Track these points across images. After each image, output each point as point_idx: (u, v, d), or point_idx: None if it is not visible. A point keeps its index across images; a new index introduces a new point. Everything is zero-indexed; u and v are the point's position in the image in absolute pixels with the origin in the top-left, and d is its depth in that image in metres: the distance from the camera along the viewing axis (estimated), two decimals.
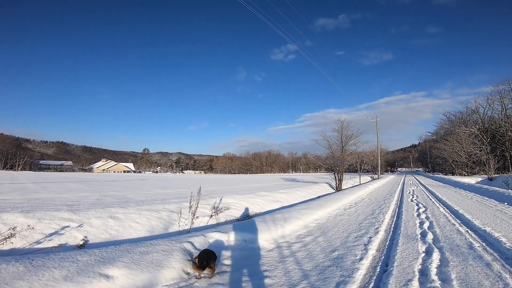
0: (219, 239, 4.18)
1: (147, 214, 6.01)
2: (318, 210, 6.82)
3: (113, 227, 5.14)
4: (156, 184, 19.32)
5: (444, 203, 8.34)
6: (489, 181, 22.67)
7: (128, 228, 5.29)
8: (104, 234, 4.88)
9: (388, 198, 10.11)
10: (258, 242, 4.24)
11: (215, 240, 4.12)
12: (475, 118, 38.63)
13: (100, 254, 2.97)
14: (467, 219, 5.65)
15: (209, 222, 6.54)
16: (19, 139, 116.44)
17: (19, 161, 54.98)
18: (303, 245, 4.11)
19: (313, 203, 8.03)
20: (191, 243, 3.71)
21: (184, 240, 3.76)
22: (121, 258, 2.89)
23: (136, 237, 5.03)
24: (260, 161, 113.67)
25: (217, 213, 7.06)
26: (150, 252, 3.16)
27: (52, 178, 23.07)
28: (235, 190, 13.70)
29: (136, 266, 2.81)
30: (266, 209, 9.23)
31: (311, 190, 15.63)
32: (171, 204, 7.15)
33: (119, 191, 12.01)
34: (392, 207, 7.80)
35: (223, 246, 4.00)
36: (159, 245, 3.41)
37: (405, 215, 6.25)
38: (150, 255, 3.07)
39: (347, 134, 19.12)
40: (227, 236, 4.28)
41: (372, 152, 47.17)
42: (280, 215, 5.89)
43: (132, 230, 5.27)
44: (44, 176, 29.12)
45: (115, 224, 5.24)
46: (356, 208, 7.85)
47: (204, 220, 6.54)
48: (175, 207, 6.83)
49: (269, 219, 5.56)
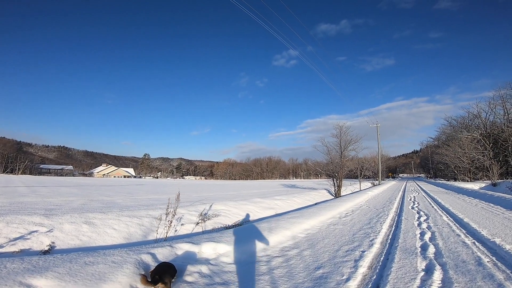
0: (190, 250, 3.67)
1: (127, 220, 5.69)
2: (310, 219, 6.29)
3: (86, 233, 4.84)
4: (152, 189, 18.78)
5: (447, 211, 7.78)
6: (493, 187, 22.02)
7: (103, 234, 4.97)
8: (75, 240, 4.59)
9: (387, 206, 9.55)
10: (235, 255, 3.73)
11: (185, 252, 3.62)
12: (477, 123, 38.08)
13: (35, 262, 2.63)
14: (473, 229, 5.11)
15: (195, 230, 6.16)
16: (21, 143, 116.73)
17: (19, 165, 54.91)
18: (285, 260, 3.58)
19: (306, 211, 7.49)
20: (153, 254, 3.23)
21: (145, 250, 3.29)
22: (57, 268, 2.53)
23: (110, 244, 4.73)
24: (261, 167, 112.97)
25: (204, 220, 6.64)
26: (96, 263, 2.75)
27: (48, 182, 22.57)
28: (230, 197, 13.21)
29: (71, 278, 2.41)
30: (259, 216, 8.73)
31: (309, 197, 15.09)
32: (156, 210, 6.76)
33: (110, 196, 11.58)
34: (391, 215, 7.25)
35: (192, 259, 3.48)
36: (112, 256, 2.99)
37: (405, 225, 5.70)
38: (94, 267, 2.65)
39: (346, 139, 18.57)
40: (199, 248, 3.77)
41: (373, 158, 46.56)
42: (265, 225, 5.37)
43: (107, 236, 4.94)
44: (41, 180, 28.67)
45: (88, 230, 4.95)
46: (352, 216, 7.30)
47: (189, 227, 6.19)
48: (159, 213, 6.41)
49: (254, 228, 5.05)
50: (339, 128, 18.60)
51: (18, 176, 43.37)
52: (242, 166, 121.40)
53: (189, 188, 22.09)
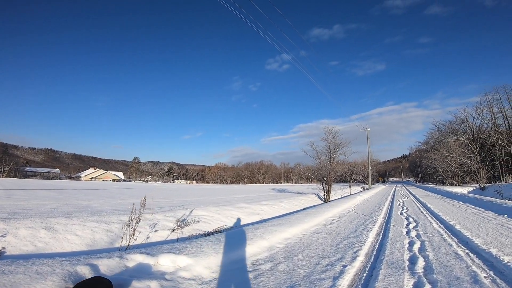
0: (144, 263, 3.15)
1: (94, 226, 5.36)
2: (292, 227, 5.80)
3: (43, 239, 4.54)
4: (136, 193, 17.93)
5: (437, 217, 7.43)
6: (481, 191, 22.07)
7: (62, 241, 4.65)
8: (29, 246, 4.30)
9: (376, 211, 9.15)
10: (196, 269, 3.21)
11: (137, 264, 3.10)
12: (464, 127, 38.64)
13: None
14: (466, 237, 4.71)
15: (170, 237, 5.80)
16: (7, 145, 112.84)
17: (3, 168, 52.97)
18: (254, 276, 3.07)
19: (290, 218, 7.00)
20: (94, 266, 2.73)
21: (85, 261, 2.79)
22: None
23: (68, 251, 4.45)
24: (253, 171, 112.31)
25: (181, 226, 6.22)
26: (16, 272, 2.32)
27: (29, 186, 21.52)
28: (217, 201, 12.66)
29: None
30: (243, 222, 8.27)
31: (297, 202, 14.66)
32: (128, 216, 6.24)
33: (88, 200, 10.95)
34: (379, 222, 6.82)
35: (144, 273, 2.95)
36: (41, 265, 2.53)
37: (393, 233, 5.27)
38: (11, 277, 2.24)
39: (336, 143, 18.25)
40: (156, 260, 3.24)
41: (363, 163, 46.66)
42: (241, 233, 4.86)
43: (66, 243, 4.63)
44: (22, 183, 27.43)
45: (47, 235, 4.64)
46: (338, 223, 6.85)
47: (163, 234, 5.83)
48: (127, 219, 5.97)
49: (227, 237, 4.54)
50: (328, 132, 18.30)
51: (1, 179, 41.59)
52: (233, 170, 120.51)
53: (176, 192, 21.33)
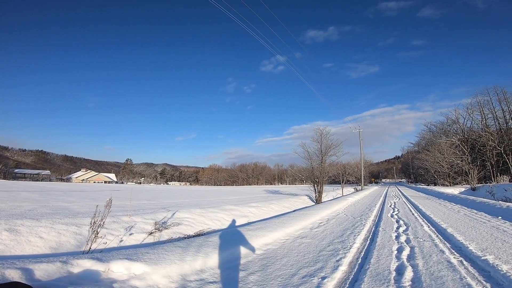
0: (91, 269, 2.77)
1: (62, 228, 5.08)
2: (275, 231, 5.39)
3: (3, 240, 4.30)
4: (124, 195, 17.23)
5: (429, 219, 7.09)
6: (473, 191, 22.02)
7: (24, 243, 4.41)
8: None
9: (366, 213, 8.80)
10: (153, 278, 2.82)
11: (83, 270, 2.73)
12: (455, 128, 38.90)
13: None
14: (459, 242, 4.35)
15: (146, 241, 5.48)
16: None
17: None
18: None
19: (275, 221, 6.59)
20: (27, 271, 2.45)
21: (19, 265, 2.49)
22: None
23: (29, 254, 4.18)
24: (247, 173, 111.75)
25: (159, 229, 5.88)
26: None
27: (14, 187, 20.73)
28: (204, 203, 12.25)
29: None
30: (228, 225, 7.90)
31: (288, 204, 14.28)
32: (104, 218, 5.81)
33: (70, 202, 10.52)
34: (368, 225, 6.44)
35: (89, 280, 2.61)
36: None
37: (381, 238, 4.88)
38: None
39: (327, 144, 17.91)
40: (107, 266, 2.84)
41: (356, 164, 46.55)
42: (215, 238, 4.41)
43: (28, 246, 4.39)
44: (9, 184, 26.56)
45: (8, 237, 4.40)
46: (325, 226, 6.46)
47: (139, 237, 5.52)
48: (107, 221, 5.47)
49: (199, 242, 4.11)
50: (320, 133, 17.95)
51: None
52: (227, 172, 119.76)
53: (165, 194, 20.74)
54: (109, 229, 5.35)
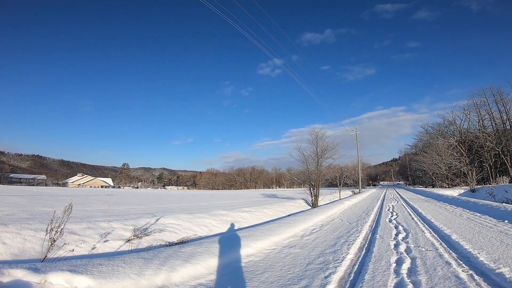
0: (23, 280, 2.42)
1: (29, 234, 4.78)
2: (260, 240, 4.84)
3: None
4: (117, 200, 16.52)
5: (430, 224, 6.56)
6: (472, 193, 21.60)
7: None
8: None
9: (363, 218, 8.26)
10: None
11: (13, 280, 2.41)
12: (452, 130, 38.63)
13: None
14: (467, 251, 3.83)
15: (122, 248, 5.11)
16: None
17: None
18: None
19: (262, 228, 6.04)
20: None
21: None
22: None
23: None
24: (244, 176, 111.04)
25: (139, 236, 5.44)
26: None
27: (5, 192, 20.02)
28: (196, 208, 11.73)
29: None
30: (216, 231, 7.40)
31: (283, 208, 13.74)
32: (80, 224, 5.62)
33: (55, 207, 9.90)
34: (364, 232, 5.89)
35: None
36: None
37: (378, 247, 4.34)
38: None
39: (323, 146, 17.38)
40: (43, 278, 2.44)
41: (354, 166, 46.20)
42: (190, 248, 3.88)
43: None
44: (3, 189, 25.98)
45: None
46: (318, 233, 5.92)
47: (114, 245, 5.14)
48: (82, 227, 5.45)
49: (173, 251, 3.59)
50: (315, 135, 17.43)
51: None
52: (225, 176, 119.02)
53: (158, 199, 20.03)
54: (82, 236, 5.02)
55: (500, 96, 32.83)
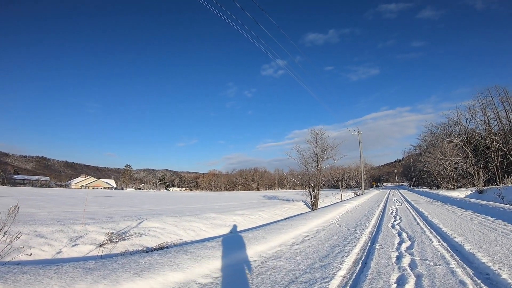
0: None
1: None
2: (241, 249, 4.20)
3: None
4: (114, 202, 15.91)
5: (438, 230, 5.85)
6: (479, 194, 20.74)
7: None
8: None
9: (363, 223, 7.57)
10: None
11: None
12: (457, 130, 37.70)
13: None
14: (485, 266, 3.12)
15: (92, 253, 4.72)
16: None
17: None
18: None
19: (249, 234, 5.38)
20: None
21: None
22: None
23: None
24: (247, 178, 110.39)
25: (112, 240, 5.08)
26: None
27: (2, 193, 19.68)
28: (189, 210, 11.09)
29: None
30: (204, 236, 6.93)
31: (280, 211, 13.09)
32: (50, 227, 5.26)
33: (41, 208, 9.40)
34: (363, 240, 5.21)
35: None
36: None
37: (377, 261, 3.66)
38: None
39: (323, 146, 16.67)
40: None
41: (356, 168, 45.42)
42: (152, 258, 3.23)
43: None
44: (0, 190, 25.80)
45: None
46: (311, 241, 5.25)
47: (84, 249, 4.77)
48: (50, 230, 5.07)
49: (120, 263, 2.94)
50: (315, 134, 16.74)
51: None
52: (227, 177, 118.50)
53: (155, 200, 19.39)
54: (49, 239, 4.69)
55: (506, 95, 31.93)
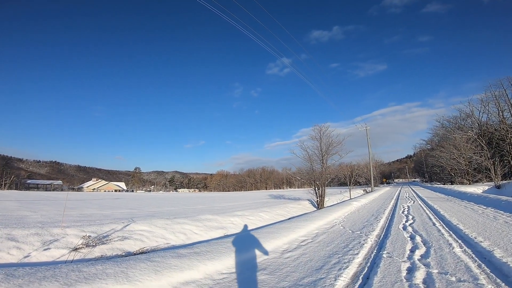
0: None
1: None
2: (219, 257, 3.50)
3: None
4: (119, 204, 15.34)
5: (458, 232, 4.98)
6: (497, 189, 19.50)
7: None
8: None
9: (370, 224, 6.74)
10: None
11: None
12: (470, 123, 36.02)
13: None
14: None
15: (65, 258, 4.40)
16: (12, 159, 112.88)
17: (5, 181, 52.83)
18: None
19: (236, 239, 4.68)
20: None
21: None
22: None
23: None
24: (254, 178, 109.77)
25: (90, 245, 4.78)
26: None
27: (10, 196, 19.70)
28: (189, 211, 10.57)
29: None
30: (195, 239, 6.46)
31: (283, 210, 12.38)
32: (26, 230, 5.05)
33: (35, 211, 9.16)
34: (368, 245, 4.40)
35: None
36: None
37: (383, 275, 2.84)
38: None
39: (328, 142, 15.77)
40: None
41: (366, 165, 44.09)
42: (99, 268, 2.58)
43: None
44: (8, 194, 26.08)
45: None
46: (306, 248, 4.49)
47: (55, 253, 4.45)
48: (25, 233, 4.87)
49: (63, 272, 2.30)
50: (319, 129, 15.86)
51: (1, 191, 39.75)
52: (235, 177, 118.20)
53: (159, 202, 18.89)
54: (20, 242, 4.49)
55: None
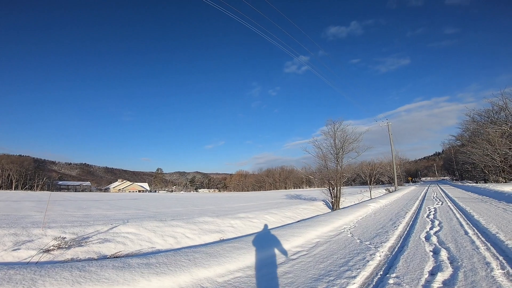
0: None
1: None
2: (185, 270, 2.73)
3: None
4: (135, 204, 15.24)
5: (499, 245, 3.78)
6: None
7: None
8: None
9: (385, 232, 5.66)
10: None
11: None
12: (503, 116, 32.78)
13: None
14: None
15: (34, 259, 4.21)
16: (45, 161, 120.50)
17: (37, 182, 56.92)
18: None
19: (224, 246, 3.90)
20: None
21: None
22: None
23: None
24: (273, 177, 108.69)
25: (62, 247, 4.55)
26: None
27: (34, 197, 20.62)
28: (193, 212, 10.01)
29: None
30: (185, 244, 6.03)
31: (293, 212, 11.47)
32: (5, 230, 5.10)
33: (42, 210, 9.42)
34: (375, 263, 3.37)
35: None
36: None
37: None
38: None
39: (342, 137, 14.50)
40: None
41: (389, 163, 41.73)
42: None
43: None
44: (37, 195, 27.41)
45: None
46: (292, 265, 3.59)
47: (23, 254, 4.29)
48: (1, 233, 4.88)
49: None
50: (332, 125, 14.62)
51: (26, 192, 42.19)
52: (254, 177, 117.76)
53: (168, 202, 18.61)
54: None
55: None
